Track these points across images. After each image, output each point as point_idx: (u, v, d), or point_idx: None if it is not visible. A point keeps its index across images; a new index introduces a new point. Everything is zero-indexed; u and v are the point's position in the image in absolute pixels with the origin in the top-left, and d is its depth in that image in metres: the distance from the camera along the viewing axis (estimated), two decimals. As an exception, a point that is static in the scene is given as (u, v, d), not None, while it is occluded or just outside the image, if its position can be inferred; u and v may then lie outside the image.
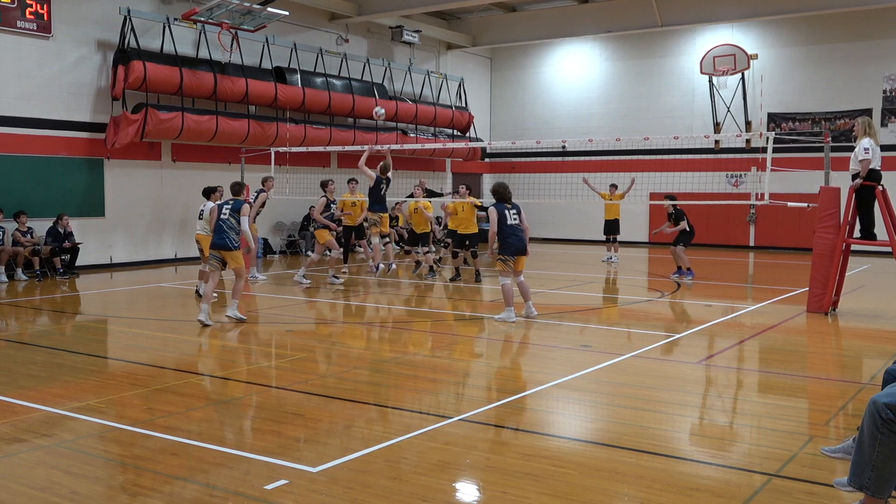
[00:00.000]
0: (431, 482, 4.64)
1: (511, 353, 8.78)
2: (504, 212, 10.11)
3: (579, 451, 5.40)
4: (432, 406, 6.48)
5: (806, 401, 6.78)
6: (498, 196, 10.29)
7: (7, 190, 14.94)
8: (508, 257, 10.11)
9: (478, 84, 27.26)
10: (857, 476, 3.93)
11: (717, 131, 22.83)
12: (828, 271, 10.84)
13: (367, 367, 8.06)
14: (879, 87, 21.51)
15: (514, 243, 10.09)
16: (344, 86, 20.92)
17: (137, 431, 5.60)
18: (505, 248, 10.11)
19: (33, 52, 15.34)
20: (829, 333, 9.99)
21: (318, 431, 5.75)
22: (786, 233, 22.23)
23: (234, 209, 10.20)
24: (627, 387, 7.01)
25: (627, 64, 25.24)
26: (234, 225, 10.17)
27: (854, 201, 10.68)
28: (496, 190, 10.36)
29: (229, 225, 10.15)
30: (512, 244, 10.08)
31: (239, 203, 10.28)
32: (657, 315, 11.45)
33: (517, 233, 10.14)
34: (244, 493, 4.46)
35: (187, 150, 18.14)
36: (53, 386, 6.92)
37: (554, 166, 25.73)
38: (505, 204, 10.20)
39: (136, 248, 17.37)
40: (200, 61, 17.64)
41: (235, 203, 10.28)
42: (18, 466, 4.92)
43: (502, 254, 10.13)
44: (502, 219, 10.08)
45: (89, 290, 13.85)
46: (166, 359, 8.17)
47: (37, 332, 10.07)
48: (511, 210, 10.19)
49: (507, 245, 10.09)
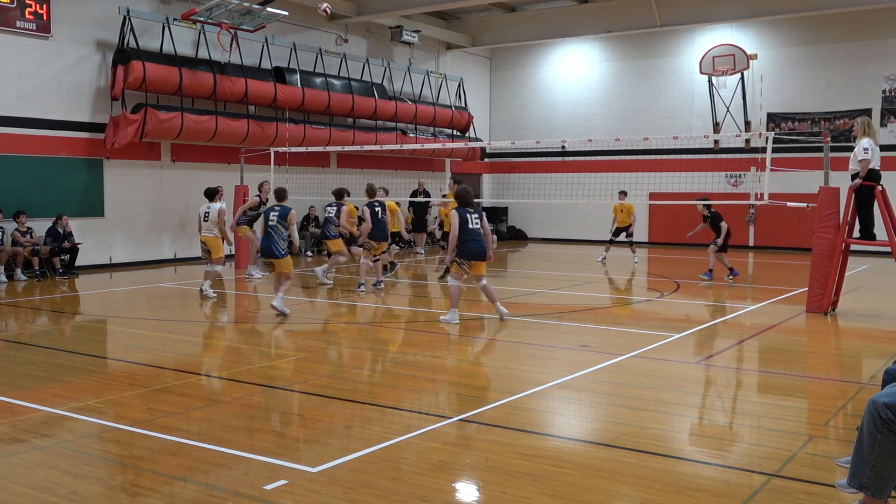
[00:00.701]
0: (431, 482, 4.64)
1: (511, 353, 8.78)
2: (466, 216, 10.13)
3: (579, 451, 5.40)
4: (432, 406, 6.48)
5: (805, 401, 6.78)
6: (461, 200, 10.33)
7: (7, 190, 14.93)
8: (464, 261, 10.14)
9: (477, 84, 27.26)
10: (857, 476, 3.94)
11: (716, 131, 22.83)
12: (827, 271, 10.85)
13: (366, 367, 8.06)
14: (879, 87, 21.51)
15: (472, 248, 10.08)
16: (343, 86, 20.92)
17: (137, 431, 5.60)
18: (462, 253, 10.12)
19: (33, 53, 15.34)
20: (829, 333, 10.00)
21: (317, 431, 5.75)
22: (785, 233, 22.22)
23: (282, 216, 10.47)
24: (627, 387, 7.01)
25: (627, 64, 25.24)
26: (282, 231, 10.43)
27: (853, 201, 10.68)
28: (459, 194, 10.39)
29: (277, 231, 10.42)
30: (470, 248, 10.08)
31: (286, 210, 10.55)
32: (657, 315, 11.45)
33: (477, 238, 10.14)
34: (244, 493, 4.46)
35: (187, 150, 18.13)
36: (53, 386, 6.92)
37: (554, 166, 25.74)
38: (467, 209, 10.23)
39: (135, 249, 17.36)
40: (200, 61, 17.64)
41: (283, 210, 10.53)
42: (18, 466, 4.91)
43: (459, 257, 10.17)
44: (463, 223, 10.09)
45: (89, 290, 13.85)
46: (166, 359, 8.16)
47: (36, 332, 10.06)
48: (473, 215, 10.19)
49: (465, 249, 10.10)
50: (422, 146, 20.71)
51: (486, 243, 10.22)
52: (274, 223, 10.49)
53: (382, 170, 22.89)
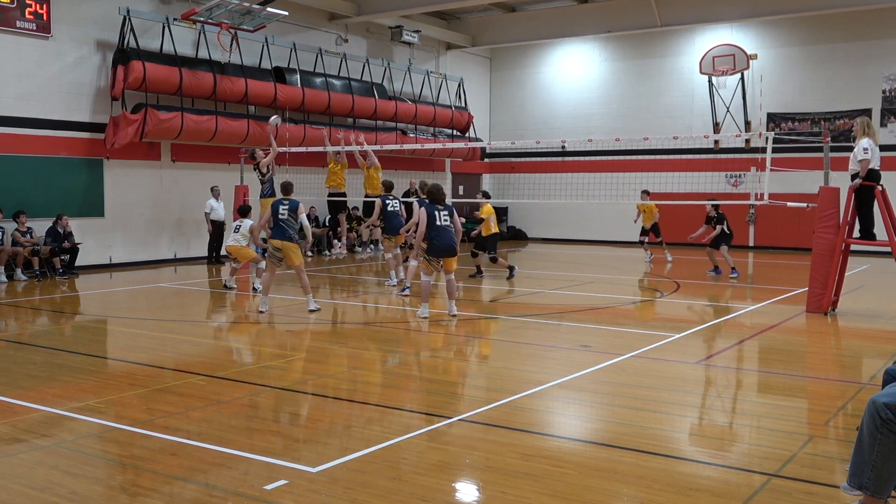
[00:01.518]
0: (431, 482, 4.64)
1: (511, 353, 8.77)
2: (434, 212, 10.31)
3: (579, 451, 5.40)
4: (432, 406, 6.48)
5: (805, 401, 6.78)
6: (431, 197, 10.53)
7: (7, 190, 14.93)
8: (433, 258, 10.35)
9: (477, 84, 27.26)
10: (857, 476, 3.93)
11: (716, 131, 22.83)
12: (827, 271, 10.84)
13: (366, 367, 8.06)
14: (879, 87, 21.51)
15: (439, 245, 10.28)
16: (343, 86, 20.92)
17: (137, 431, 5.60)
18: (431, 249, 10.33)
19: (33, 53, 15.34)
20: (829, 333, 10.00)
21: (317, 431, 5.75)
22: (785, 233, 22.22)
23: (292, 209, 10.87)
24: (627, 387, 7.01)
25: (627, 64, 25.24)
26: (294, 224, 10.82)
27: (853, 201, 10.68)
28: (430, 191, 10.60)
29: (289, 224, 10.80)
30: (437, 245, 10.28)
31: (295, 203, 10.94)
32: (657, 315, 11.45)
33: (445, 234, 10.30)
34: (244, 493, 4.46)
35: (187, 150, 18.13)
36: (53, 386, 6.92)
37: (554, 166, 25.74)
38: (436, 205, 10.40)
39: (135, 249, 17.36)
40: (200, 61, 17.64)
41: (292, 203, 10.94)
42: (18, 466, 4.91)
43: (428, 254, 10.38)
44: (431, 219, 10.27)
45: (89, 290, 13.85)
46: (166, 359, 8.16)
47: (36, 332, 10.06)
48: (443, 211, 10.36)
49: (434, 247, 10.31)
50: (422, 146, 20.71)
51: (455, 239, 10.41)
52: (285, 217, 10.80)
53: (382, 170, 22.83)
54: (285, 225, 10.79)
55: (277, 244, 10.79)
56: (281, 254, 10.84)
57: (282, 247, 10.76)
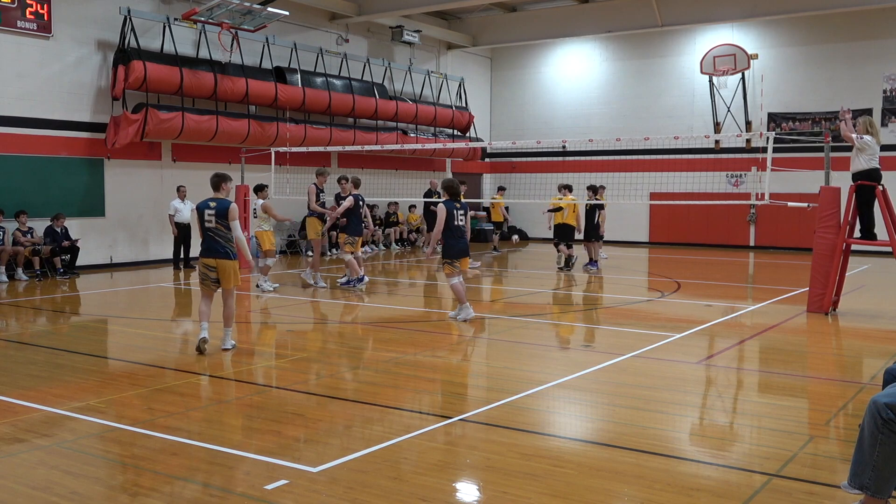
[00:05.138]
0: (431, 482, 4.64)
1: (511, 353, 8.77)
2: (453, 211, 9.99)
3: (579, 450, 5.40)
4: (432, 406, 6.48)
5: (806, 401, 6.78)
6: (450, 192, 10.15)
7: (7, 190, 14.94)
8: (454, 260, 10.04)
9: (478, 84, 27.26)
10: (858, 476, 3.93)
11: (717, 131, 22.83)
12: (828, 271, 10.84)
13: (366, 367, 8.06)
14: (879, 87, 21.51)
15: (457, 245, 10.02)
16: (344, 86, 20.92)
17: (137, 431, 5.60)
18: (449, 251, 10.02)
19: (33, 52, 15.34)
20: (829, 333, 9.99)
21: (318, 431, 5.75)
22: (786, 233, 22.22)
23: (220, 213, 9.02)
24: (627, 387, 7.01)
25: (627, 64, 25.24)
26: (224, 231, 9.01)
27: (854, 201, 10.68)
28: (449, 186, 10.21)
29: (219, 233, 9.94)
30: (454, 246, 10.01)
31: (225, 204, 8.77)
32: (657, 315, 11.45)
33: (462, 235, 10.07)
34: (244, 493, 4.46)
35: (187, 150, 18.13)
36: (54, 386, 6.92)
37: (554, 166, 25.74)
38: (455, 203, 10.07)
39: (136, 248, 17.37)
40: (200, 61, 17.64)
41: (220, 204, 8.89)
42: (18, 466, 4.92)
43: (447, 257, 10.05)
44: (450, 218, 9.95)
45: (89, 290, 13.85)
46: (166, 359, 8.17)
47: (37, 332, 10.07)
48: (459, 210, 10.07)
49: (451, 248, 10.01)
50: (422, 146, 20.72)
51: (468, 239, 10.18)
52: (212, 224, 8.50)
53: (383, 170, 22.90)
54: (215, 235, 8.22)
55: (210, 263, 8.22)
56: (215, 274, 8.25)
57: (216, 266, 8.22)
